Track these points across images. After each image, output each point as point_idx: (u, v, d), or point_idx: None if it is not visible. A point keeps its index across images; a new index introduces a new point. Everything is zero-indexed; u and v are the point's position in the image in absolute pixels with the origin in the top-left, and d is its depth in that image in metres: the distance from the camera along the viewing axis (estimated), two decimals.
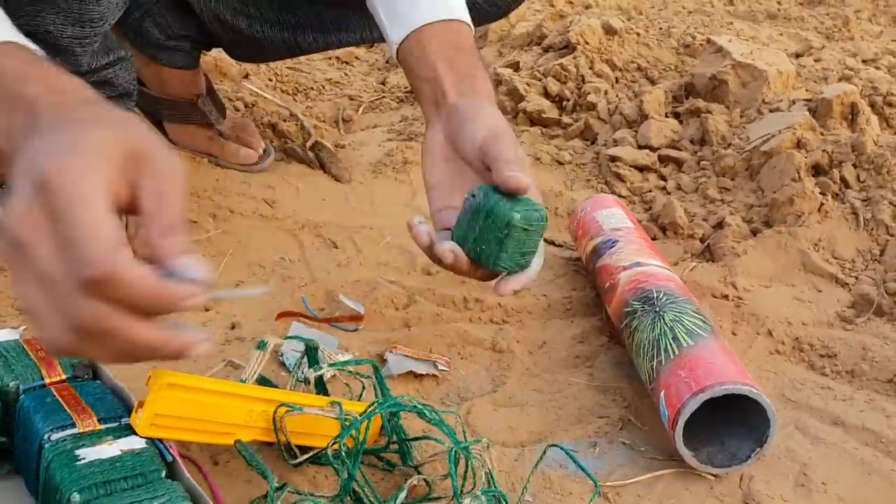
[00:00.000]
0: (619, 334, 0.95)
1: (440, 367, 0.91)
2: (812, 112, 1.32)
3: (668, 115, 1.48)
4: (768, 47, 1.60)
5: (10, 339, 0.72)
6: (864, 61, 1.68)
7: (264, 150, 1.31)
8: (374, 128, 1.55)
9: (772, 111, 1.37)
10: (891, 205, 1.17)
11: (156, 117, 1.29)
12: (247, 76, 1.59)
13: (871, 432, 0.86)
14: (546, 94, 1.60)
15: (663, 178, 1.37)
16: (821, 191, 1.20)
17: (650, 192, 1.33)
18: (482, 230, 0.74)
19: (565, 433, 0.84)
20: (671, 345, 0.83)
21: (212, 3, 1.19)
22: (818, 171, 1.24)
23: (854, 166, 1.22)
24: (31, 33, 0.89)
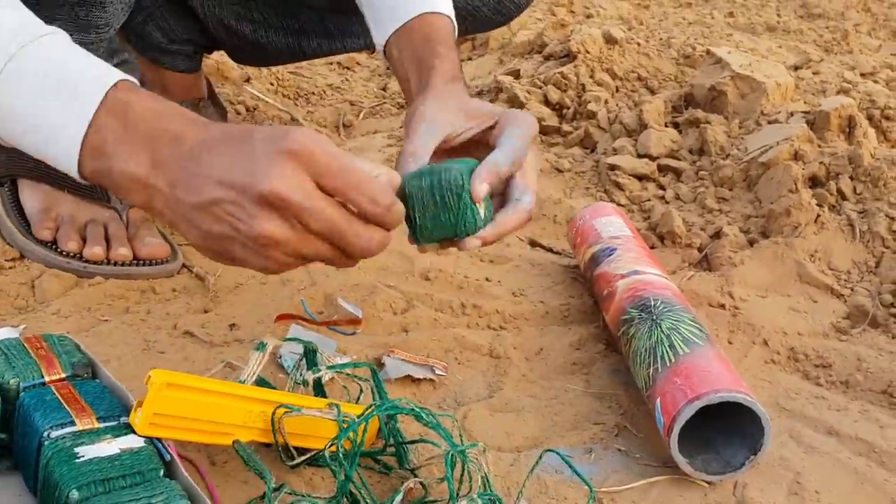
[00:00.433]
0: (617, 342, 0.95)
1: (437, 371, 0.91)
2: (810, 124, 1.33)
3: (668, 125, 1.49)
4: (767, 59, 1.61)
5: (11, 337, 0.72)
6: (862, 75, 1.69)
7: None
8: (375, 133, 1.56)
9: (770, 123, 1.38)
10: (887, 217, 1.18)
11: None
12: (248, 80, 1.60)
13: (865, 442, 0.87)
14: (546, 101, 1.61)
15: (662, 187, 1.37)
16: (817, 202, 1.21)
17: (649, 200, 1.34)
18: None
19: (561, 439, 0.85)
20: (667, 352, 0.84)
21: (215, 8, 1.20)
22: (815, 182, 1.25)
23: (851, 178, 1.23)
24: None
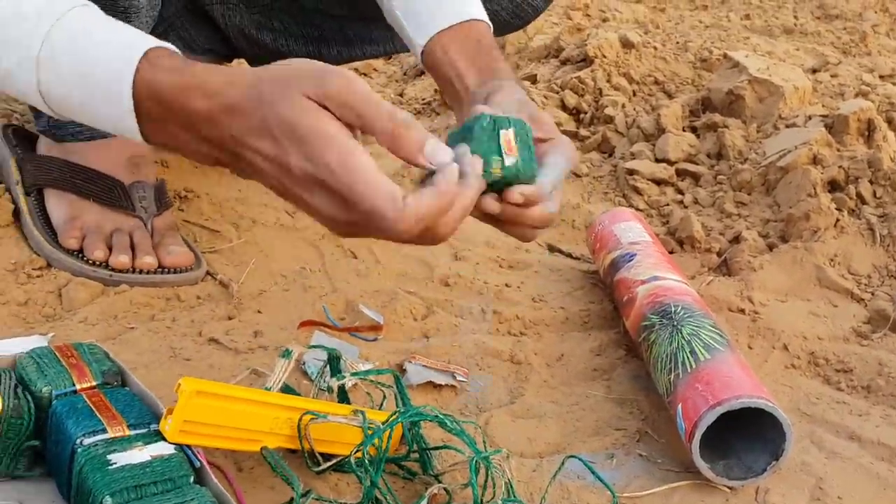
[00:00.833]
0: (637, 347, 0.96)
1: (458, 377, 0.92)
2: (828, 128, 1.33)
3: (686, 129, 1.49)
4: (785, 62, 1.62)
5: (43, 346, 0.73)
6: (881, 77, 1.68)
7: None
8: None
9: (788, 126, 1.38)
10: None
11: None
12: None
13: (887, 447, 0.87)
14: (563, 106, 1.61)
15: (680, 191, 1.38)
16: (837, 206, 1.21)
17: (667, 205, 1.34)
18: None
19: (583, 445, 0.85)
20: (688, 358, 0.84)
21: (236, 18, 1.21)
22: (834, 186, 1.25)
23: (870, 182, 1.23)
24: None
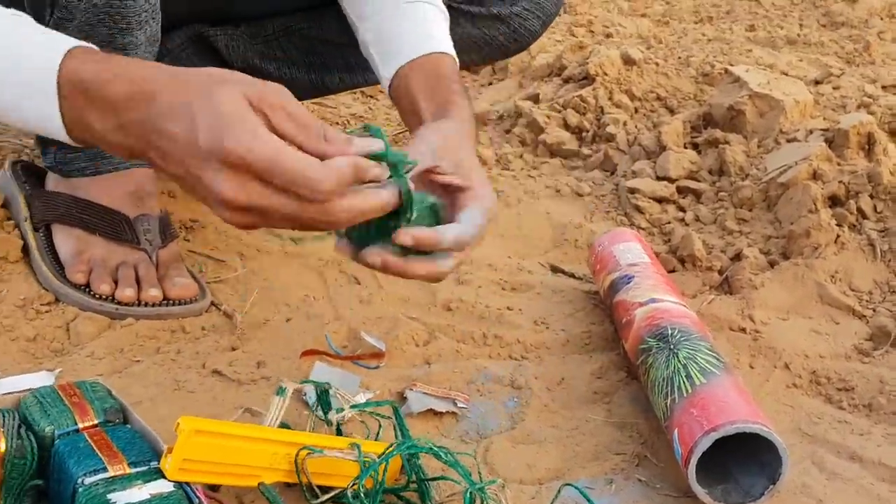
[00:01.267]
0: (636, 370, 0.96)
1: (459, 404, 0.93)
2: (829, 142, 1.33)
3: (687, 146, 1.50)
4: (786, 76, 1.62)
5: (46, 385, 0.75)
6: (883, 87, 1.68)
7: None
8: None
9: (789, 141, 1.38)
10: None
11: None
12: None
13: (888, 468, 0.87)
14: (566, 125, 1.62)
15: (682, 209, 1.38)
16: (837, 222, 1.21)
17: (669, 223, 1.35)
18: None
19: (582, 470, 0.86)
20: (684, 382, 0.85)
21: (240, 49, 1.23)
22: (835, 202, 1.25)
23: (871, 197, 1.23)
24: None
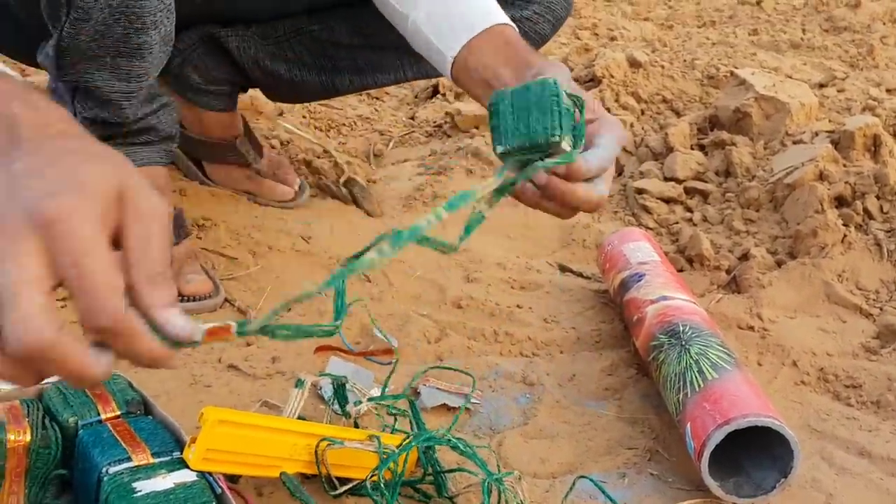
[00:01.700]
0: (647, 367, 0.98)
1: (472, 400, 0.94)
2: (835, 144, 1.34)
3: (694, 147, 1.51)
4: (791, 79, 1.63)
5: None
6: (888, 90, 1.70)
7: (300, 187, 1.36)
8: (404, 162, 1.59)
9: (795, 143, 1.40)
10: None
11: (195, 157, 1.34)
12: (281, 114, 1.65)
13: None
14: None
15: (689, 209, 1.39)
16: (844, 222, 1.22)
17: (676, 223, 1.36)
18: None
19: (595, 464, 0.87)
20: (696, 378, 0.86)
21: (251, 50, 1.24)
22: (841, 202, 1.26)
23: (877, 198, 1.24)
24: (80, 88, 0.95)
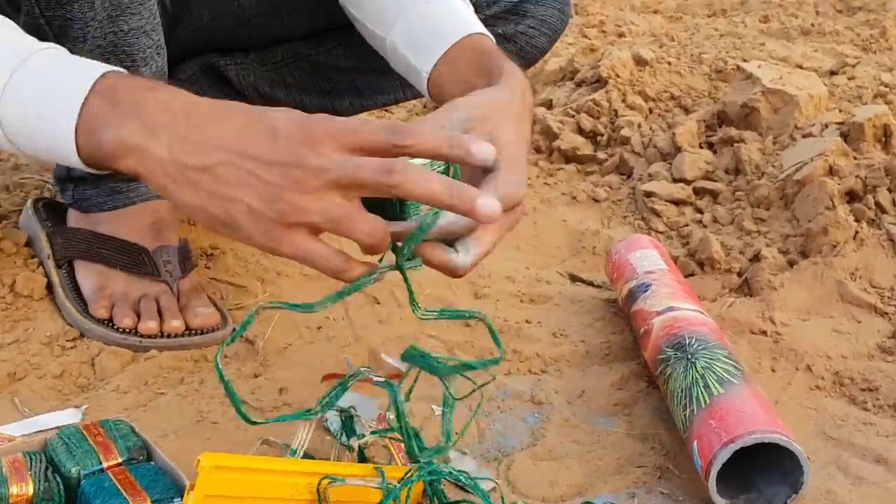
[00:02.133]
0: (656, 380, 0.96)
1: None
2: (844, 136, 1.32)
3: (702, 145, 1.49)
4: (800, 69, 1.60)
5: (71, 425, 0.77)
6: None
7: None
8: None
9: (804, 136, 1.37)
10: None
11: None
12: None
13: None
14: (580, 130, 1.62)
15: (699, 210, 1.37)
16: (855, 218, 1.20)
17: (686, 226, 1.34)
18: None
19: (604, 485, 0.86)
20: (702, 393, 0.84)
21: (250, 77, 1.25)
22: (852, 197, 1.24)
23: (889, 191, 1.22)
24: None
